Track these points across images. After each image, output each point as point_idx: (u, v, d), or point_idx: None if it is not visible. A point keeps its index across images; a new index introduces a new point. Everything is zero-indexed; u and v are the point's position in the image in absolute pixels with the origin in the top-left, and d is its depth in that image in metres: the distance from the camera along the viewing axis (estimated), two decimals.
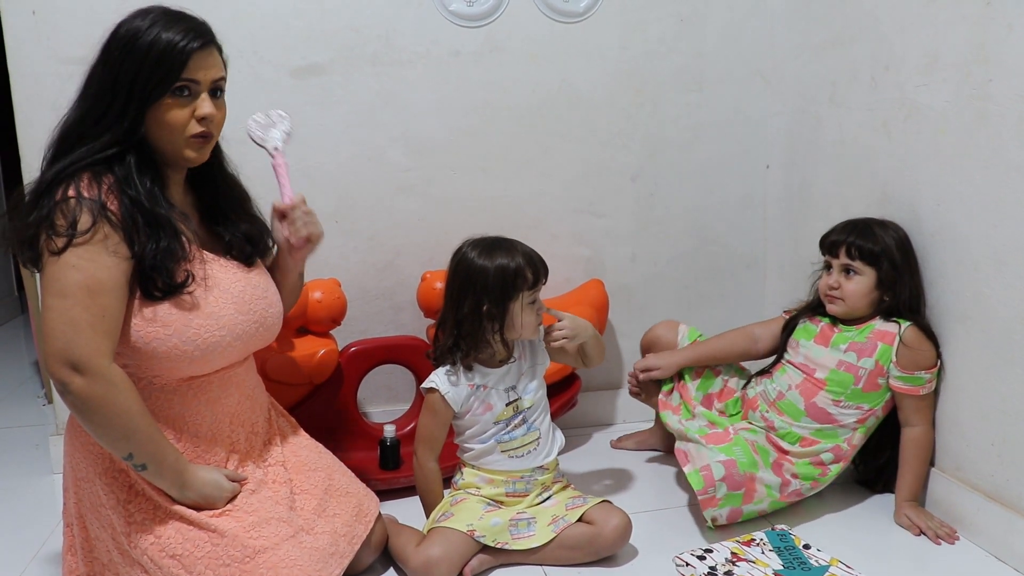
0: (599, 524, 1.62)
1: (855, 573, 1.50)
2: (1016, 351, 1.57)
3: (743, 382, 1.98)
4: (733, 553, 1.58)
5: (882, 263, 1.77)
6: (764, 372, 1.94)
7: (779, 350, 1.93)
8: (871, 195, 1.94)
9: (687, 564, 1.54)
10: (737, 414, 1.94)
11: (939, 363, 1.75)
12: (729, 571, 1.51)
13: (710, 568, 1.52)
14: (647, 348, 2.07)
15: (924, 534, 1.70)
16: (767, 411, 1.85)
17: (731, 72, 2.30)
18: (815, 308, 1.91)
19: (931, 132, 1.74)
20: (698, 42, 2.26)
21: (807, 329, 1.88)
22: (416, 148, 2.15)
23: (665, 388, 1.98)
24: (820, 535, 1.71)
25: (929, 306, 1.78)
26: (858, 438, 1.81)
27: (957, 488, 1.72)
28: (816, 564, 1.53)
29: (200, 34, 1.36)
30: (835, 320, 1.85)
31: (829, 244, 1.83)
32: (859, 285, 1.78)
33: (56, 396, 2.12)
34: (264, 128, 1.57)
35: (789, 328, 1.92)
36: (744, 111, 2.32)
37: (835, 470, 1.80)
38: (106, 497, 1.35)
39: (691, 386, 1.97)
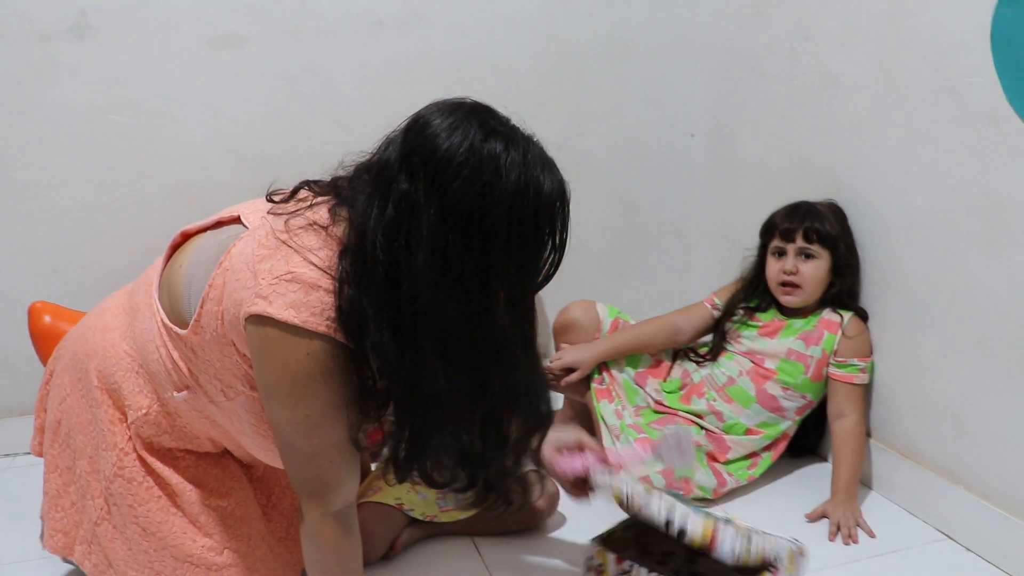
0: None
1: (754, 526, 1.39)
2: (928, 314, 1.63)
3: (672, 354, 1.95)
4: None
5: (839, 246, 1.76)
6: (706, 355, 1.91)
7: (716, 338, 1.90)
8: (792, 164, 1.98)
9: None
10: (675, 392, 1.88)
11: (872, 358, 1.77)
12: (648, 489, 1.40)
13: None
14: (561, 331, 1.94)
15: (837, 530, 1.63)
16: (715, 399, 1.82)
17: (656, 41, 2.30)
18: (749, 297, 1.88)
19: (848, 101, 1.78)
20: (623, 11, 2.25)
21: (747, 323, 1.86)
22: (340, 120, 2.11)
23: (595, 376, 1.86)
24: (750, 504, 1.75)
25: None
26: (792, 429, 1.83)
27: (873, 446, 1.79)
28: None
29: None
30: (780, 313, 1.84)
31: (783, 231, 1.79)
32: (817, 269, 1.76)
33: None
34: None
35: (723, 320, 1.90)
36: (669, 80, 2.33)
37: (766, 459, 1.81)
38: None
39: (618, 370, 1.88)
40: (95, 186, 1.99)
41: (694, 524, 1.29)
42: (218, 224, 1.24)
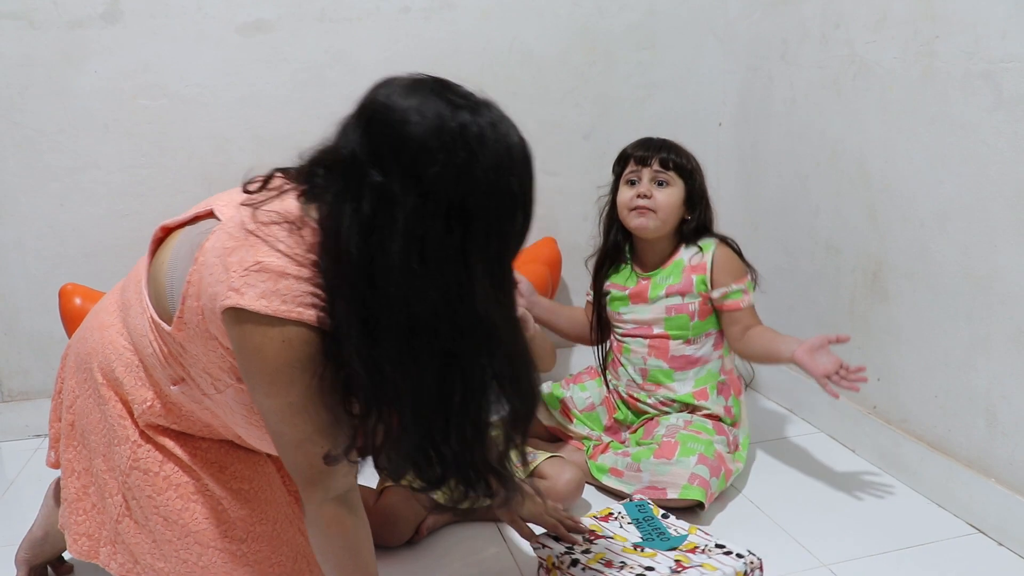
0: (552, 478, 1.64)
1: (712, 539, 1.44)
2: (959, 306, 1.60)
3: (601, 390, 1.90)
4: (591, 531, 1.48)
5: (694, 177, 1.78)
6: (606, 368, 1.89)
7: (604, 332, 1.88)
8: (821, 152, 1.96)
9: (544, 546, 1.45)
10: (637, 419, 1.85)
11: (750, 277, 1.79)
12: (587, 549, 1.42)
13: (567, 548, 1.43)
14: None
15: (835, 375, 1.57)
16: (650, 395, 1.82)
17: (683, 30, 2.29)
18: (607, 254, 1.87)
19: (879, 89, 1.76)
20: (650, 0, 2.24)
21: (619, 298, 1.85)
22: None
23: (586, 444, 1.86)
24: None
25: (876, 262, 1.81)
26: (728, 363, 1.83)
27: (902, 439, 1.76)
28: (675, 534, 1.47)
29: None
30: (639, 270, 1.83)
31: (638, 157, 1.79)
32: (672, 196, 1.76)
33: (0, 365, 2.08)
34: None
35: (600, 310, 1.87)
36: (696, 69, 2.32)
37: (736, 407, 1.81)
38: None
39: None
40: (124, 170, 2.01)
41: None
42: (195, 219, 1.23)
